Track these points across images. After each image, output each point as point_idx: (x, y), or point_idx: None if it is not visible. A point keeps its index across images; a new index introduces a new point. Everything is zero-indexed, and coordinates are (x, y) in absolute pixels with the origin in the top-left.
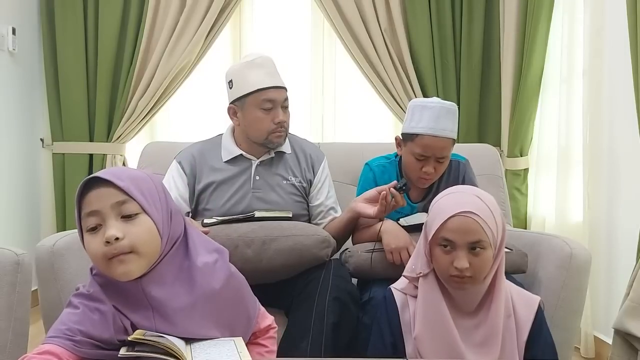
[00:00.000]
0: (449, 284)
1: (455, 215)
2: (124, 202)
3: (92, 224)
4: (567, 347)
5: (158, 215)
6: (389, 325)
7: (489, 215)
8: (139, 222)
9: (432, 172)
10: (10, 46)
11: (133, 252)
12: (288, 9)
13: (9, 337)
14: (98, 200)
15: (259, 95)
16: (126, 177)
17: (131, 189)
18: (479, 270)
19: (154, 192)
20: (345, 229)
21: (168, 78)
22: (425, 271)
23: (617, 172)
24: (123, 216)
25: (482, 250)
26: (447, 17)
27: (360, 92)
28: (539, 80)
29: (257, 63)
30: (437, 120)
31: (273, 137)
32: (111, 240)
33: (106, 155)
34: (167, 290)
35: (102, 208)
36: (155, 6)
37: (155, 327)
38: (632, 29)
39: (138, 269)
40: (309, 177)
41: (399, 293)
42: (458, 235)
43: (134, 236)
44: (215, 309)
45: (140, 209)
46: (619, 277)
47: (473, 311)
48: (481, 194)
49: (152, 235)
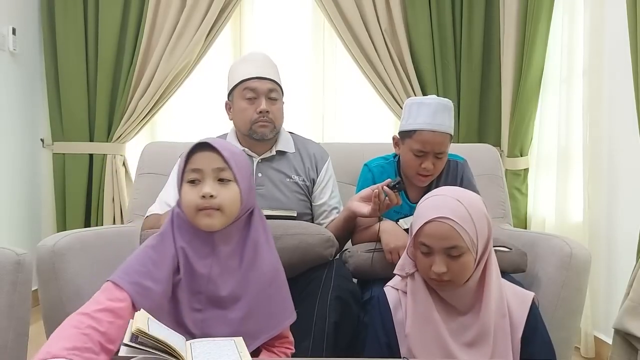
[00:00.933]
0: (432, 285)
1: (431, 220)
2: (223, 169)
3: (192, 178)
4: (567, 347)
5: (244, 186)
6: (383, 326)
7: (467, 220)
8: (230, 188)
9: (431, 169)
10: (10, 46)
11: (220, 210)
12: (288, 9)
13: (10, 337)
14: (204, 161)
15: (242, 85)
16: (228, 149)
17: (231, 160)
18: (457, 274)
19: (245, 167)
20: (344, 228)
21: (168, 78)
22: (412, 270)
23: (617, 172)
24: (219, 179)
25: (459, 255)
26: (447, 17)
27: (360, 92)
28: (539, 80)
29: (246, 58)
30: (435, 115)
31: (256, 127)
32: (207, 195)
33: (106, 155)
34: (230, 248)
35: (205, 168)
36: (155, 6)
37: (209, 274)
38: (632, 29)
39: (219, 224)
40: (313, 176)
41: (393, 292)
42: (434, 240)
43: (224, 197)
44: (257, 285)
45: (233, 177)
46: (619, 277)
47: (464, 311)
48: (463, 198)
49: (236, 201)
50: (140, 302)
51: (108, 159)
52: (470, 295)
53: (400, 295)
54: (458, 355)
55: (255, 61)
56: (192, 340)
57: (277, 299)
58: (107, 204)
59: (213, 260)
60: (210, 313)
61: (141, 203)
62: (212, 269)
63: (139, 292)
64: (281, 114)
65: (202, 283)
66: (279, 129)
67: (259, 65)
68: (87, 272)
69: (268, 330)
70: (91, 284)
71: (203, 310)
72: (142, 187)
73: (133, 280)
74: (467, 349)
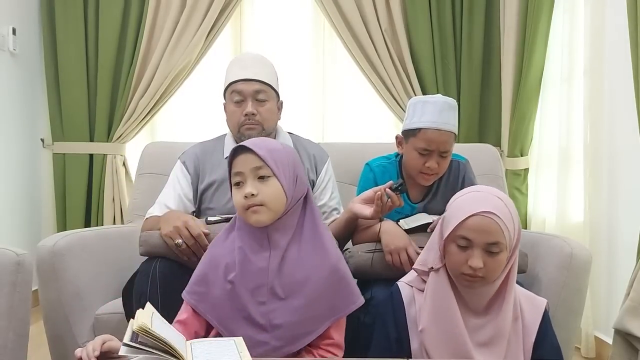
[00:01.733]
0: (460, 281)
1: (476, 214)
2: (260, 167)
3: (237, 180)
4: (568, 347)
5: (285, 180)
6: (395, 321)
7: (509, 218)
8: (270, 184)
9: (436, 168)
10: (10, 46)
11: (264, 206)
12: (288, 9)
13: (10, 337)
14: (242, 164)
15: (231, 88)
16: (264, 147)
17: (267, 157)
18: (491, 271)
19: (285, 161)
20: (345, 229)
21: (168, 78)
22: (438, 266)
23: (618, 172)
24: (259, 177)
25: (498, 252)
26: (447, 17)
27: (360, 92)
28: (539, 80)
29: (236, 59)
30: (440, 114)
31: (244, 129)
32: (248, 195)
33: (106, 155)
34: (287, 238)
35: (245, 170)
36: (155, 6)
37: (268, 267)
38: (632, 29)
39: (267, 219)
40: (312, 177)
41: (406, 287)
42: (476, 234)
43: (265, 194)
44: (319, 272)
45: (272, 173)
46: (619, 277)
47: (481, 311)
48: (502, 195)
49: (279, 195)
50: (199, 307)
51: (108, 159)
52: (490, 295)
53: (415, 292)
54: (473, 354)
55: (243, 62)
56: (192, 340)
57: (341, 284)
58: (107, 204)
59: (272, 253)
60: (275, 304)
61: (141, 203)
62: (271, 261)
63: (195, 298)
64: (271, 115)
65: (262, 276)
66: (270, 130)
67: (247, 66)
68: (87, 272)
69: (333, 315)
70: (91, 284)
71: (267, 303)
72: (142, 187)
73: (190, 290)
74: (482, 348)
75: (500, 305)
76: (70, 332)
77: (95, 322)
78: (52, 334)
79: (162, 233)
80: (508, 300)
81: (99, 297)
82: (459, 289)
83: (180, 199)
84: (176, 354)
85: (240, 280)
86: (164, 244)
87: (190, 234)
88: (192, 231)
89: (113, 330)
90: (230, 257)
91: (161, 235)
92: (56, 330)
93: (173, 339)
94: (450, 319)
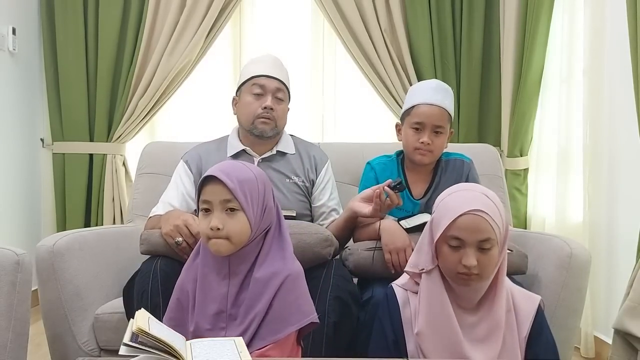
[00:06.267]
0: (455, 281)
1: (465, 213)
2: (229, 200)
3: (204, 207)
4: (567, 346)
5: (252, 213)
6: (391, 323)
7: (496, 213)
8: (237, 218)
9: (430, 144)
10: (10, 46)
11: (227, 239)
12: (288, 9)
13: (9, 337)
14: (211, 193)
15: (252, 81)
16: (236, 177)
17: (236, 190)
18: (486, 268)
19: (255, 192)
20: (345, 228)
21: (168, 78)
22: (429, 267)
23: (617, 172)
24: (227, 209)
25: (490, 248)
26: (447, 17)
27: (360, 92)
28: (539, 80)
29: (259, 58)
30: (433, 92)
31: (258, 122)
32: (214, 228)
33: (106, 155)
34: (247, 266)
35: (213, 200)
36: (155, 6)
37: (227, 292)
38: (632, 29)
39: (227, 251)
40: (312, 177)
41: (400, 290)
42: (468, 233)
43: (231, 228)
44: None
45: (240, 207)
46: (619, 277)
47: (475, 307)
48: (487, 192)
49: (244, 229)
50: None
51: (108, 159)
52: (483, 291)
53: (409, 294)
54: (470, 351)
55: (267, 62)
56: (192, 340)
57: (286, 302)
58: (107, 204)
59: (231, 281)
60: (234, 330)
61: (141, 203)
62: (230, 289)
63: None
64: (284, 115)
65: (222, 302)
66: (280, 129)
67: (270, 66)
68: (87, 272)
69: (281, 332)
70: (91, 283)
71: (227, 328)
72: (142, 187)
73: (167, 317)
74: (478, 344)
75: (492, 299)
76: (69, 332)
77: (95, 321)
78: (52, 333)
79: (162, 232)
80: (500, 294)
81: (98, 297)
82: (453, 287)
83: (184, 197)
84: (176, 354)
85: (202, 305)
86: (164, 242)
87: (191, 233)
88: (192, 229)
89: (113, 330)
90: (194, 283)
91: (161, 234)
92: (56, 330)
93: (173, 339)
94: (445, 320)
